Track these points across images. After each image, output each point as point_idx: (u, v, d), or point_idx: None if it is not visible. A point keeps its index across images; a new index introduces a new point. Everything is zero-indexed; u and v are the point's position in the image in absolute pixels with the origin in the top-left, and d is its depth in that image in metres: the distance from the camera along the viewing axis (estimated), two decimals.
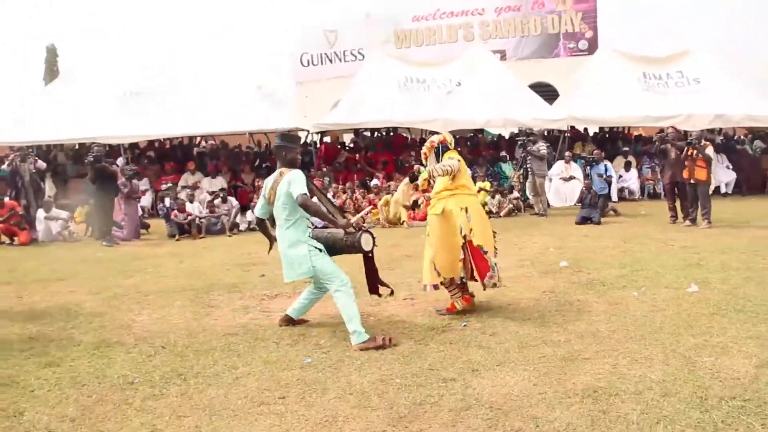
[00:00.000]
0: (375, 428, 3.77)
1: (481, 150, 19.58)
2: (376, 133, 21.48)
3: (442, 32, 26.74)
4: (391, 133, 21.17)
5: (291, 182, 5.38)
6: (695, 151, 11.47)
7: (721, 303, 6.09)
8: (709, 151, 11.59)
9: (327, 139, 23.89)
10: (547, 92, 20.89)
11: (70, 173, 19.71)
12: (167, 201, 14.38)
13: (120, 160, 17.68)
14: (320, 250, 5.55)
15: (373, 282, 6.11)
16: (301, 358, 5.12)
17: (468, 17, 26.48)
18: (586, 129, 20.56)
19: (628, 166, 17.21)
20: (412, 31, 26.89)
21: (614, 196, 16.45)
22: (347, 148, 20.79)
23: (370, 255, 5.89)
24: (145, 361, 5.19)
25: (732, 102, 16.43)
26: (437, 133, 6.74)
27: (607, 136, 21.18)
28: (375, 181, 16.06)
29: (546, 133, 18.58)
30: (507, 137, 20.52)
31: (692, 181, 11.62)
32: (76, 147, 20.88)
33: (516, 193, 15.35)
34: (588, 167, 14.35)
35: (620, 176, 17.20)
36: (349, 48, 27.33)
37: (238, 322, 6.28)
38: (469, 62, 18.25)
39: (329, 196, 14.34)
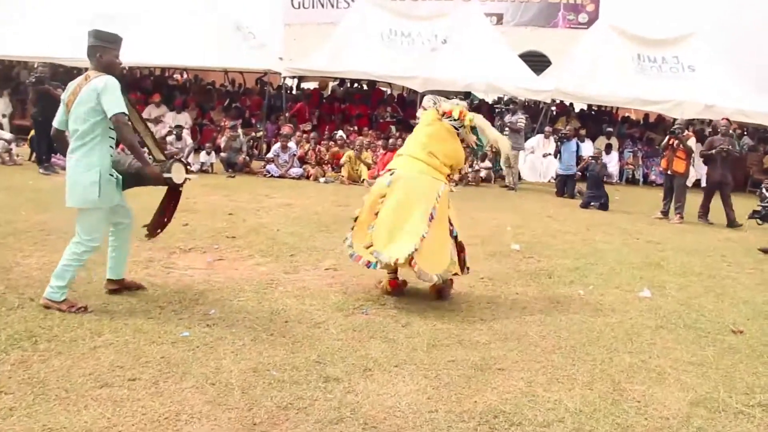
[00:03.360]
0: None
1: None
2: (355, 84, 20.54)
3: None
4: (370, 86, 20.24)
5: (103, 92, 4.32)
6: (676, 141, 10.76)
7: (672, 314, 5.43)
8: (691, 142, 10.88)
9: (313, 84, 23.01)
10: (540, 62, 20.01)
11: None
12: None
13: None
14: (116, 181, 4.57)
15: (161, 219, 5.25)
16: (180, 329, 4.42)
17: None
18: (572, 104, 19.75)
19: (609, 149, 16.39)
20: None
21: None
22: (324, 99, 19.87)
23: (180, 190, 5.04)
24: (1, 315, 4.46)
25: (725, 94, 15.64)
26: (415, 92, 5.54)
27: (593, 113, 20.38)
28: (340, 133, 15.16)
29: (528, 104, 17.78)
30: (490, 103, 19.68)
31: (669, 173, 10.93)
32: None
33: (488, 163, 14.61)
34: (560, 143, 13.50)
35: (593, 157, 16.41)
36: None
37: (131, 276, 5.52)
38: (458, 20, 17.22)
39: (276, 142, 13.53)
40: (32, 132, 14.34)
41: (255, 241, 7.11)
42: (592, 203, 11.71)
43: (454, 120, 5.40)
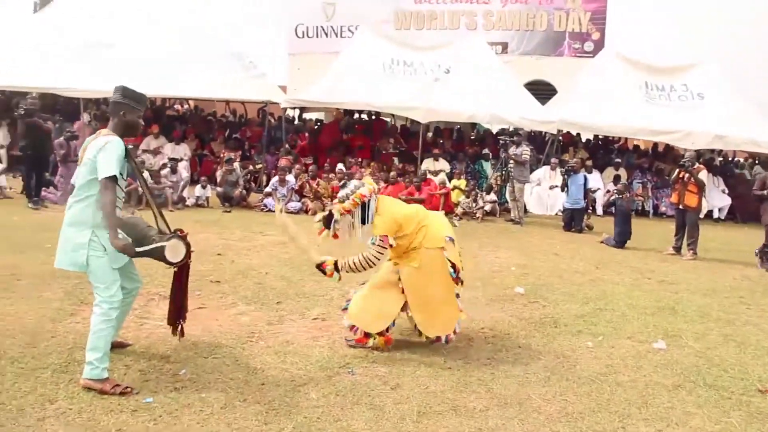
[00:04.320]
0: None
1: (465, 145, 18.37)
2: (357, 115, 20.25)
3: (444, 18, 25.41)
4: (373, 117, 19.93)
5: (102, 150, 3.95)
6: (687, 175, 10.32)
7: (691, 370, 4.94)
8: (703, 175, 10.43)
9: (315, 115, 22.91)
10: (546, 91, 19.66)
11: None
12: None
13: (85, 116, 16.51)
14: (105, 249, 4.02)
15: (176, 308, 4.68)
16: (144, 393, 3.99)
17: (472, 5, 25.15)
18: (579, 134, 19.35)
19: (617, 180, 15.95)
20: (413, 13, 25.58)
21: (599, 210, 15.32)
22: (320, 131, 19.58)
23: (184, 266, 4.50)
24: None
25: (735, 123, 15.17)
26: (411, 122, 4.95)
27: (601, 143, 19.97)
28: (340, 166, 14.77)
29: (534, 135, 17.40)
30: (495, 133, 19.32)
31: (680, 207, 10.48)
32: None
33: (493, 196, 14.18)
34: (566, 176, 13.04)
35: (608, 190, 15.95)
36: (347, 24, 26.08)
37: None
38: (462, 49, 16.92)
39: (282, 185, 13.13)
40: None
41: (241, 286, 6.67)
42: (618, 240, 11.09)
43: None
